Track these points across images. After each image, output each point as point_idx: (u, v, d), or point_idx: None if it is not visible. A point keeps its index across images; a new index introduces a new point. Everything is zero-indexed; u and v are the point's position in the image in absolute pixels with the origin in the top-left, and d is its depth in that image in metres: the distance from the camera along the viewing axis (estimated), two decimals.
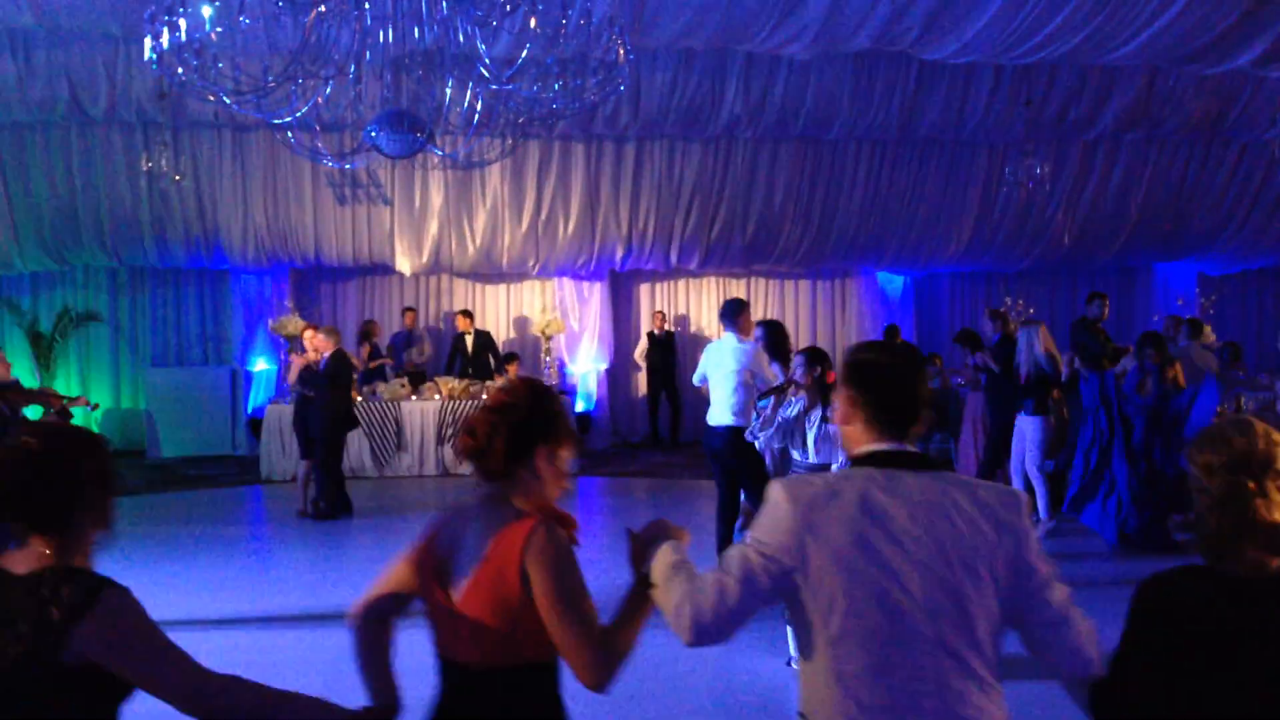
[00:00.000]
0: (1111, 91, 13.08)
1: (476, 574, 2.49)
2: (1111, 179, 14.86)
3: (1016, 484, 9.87)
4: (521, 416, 2.58)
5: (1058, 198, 14.82)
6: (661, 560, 2.51)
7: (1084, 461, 9.59)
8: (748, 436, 6.97)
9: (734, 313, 7.94)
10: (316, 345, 10.72)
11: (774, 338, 7.96)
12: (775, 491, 2.38)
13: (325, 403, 10.54)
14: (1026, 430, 9.82)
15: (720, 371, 7.75)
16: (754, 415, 7.17)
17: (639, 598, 2.55)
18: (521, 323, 15.94)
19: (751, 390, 7.62)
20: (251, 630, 7.08)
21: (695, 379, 8.16)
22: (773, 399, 6.59)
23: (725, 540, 7.64)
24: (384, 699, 2.58)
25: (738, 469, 7.58)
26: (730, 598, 2.31)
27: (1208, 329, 12.12)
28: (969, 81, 12.87)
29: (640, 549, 2.61)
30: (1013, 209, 14.92)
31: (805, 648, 2.36)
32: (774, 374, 7.59)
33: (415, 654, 2.91)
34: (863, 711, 2.25)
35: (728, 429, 7.62)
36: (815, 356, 6.52)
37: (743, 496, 7.64)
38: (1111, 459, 9.36)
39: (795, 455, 6.50)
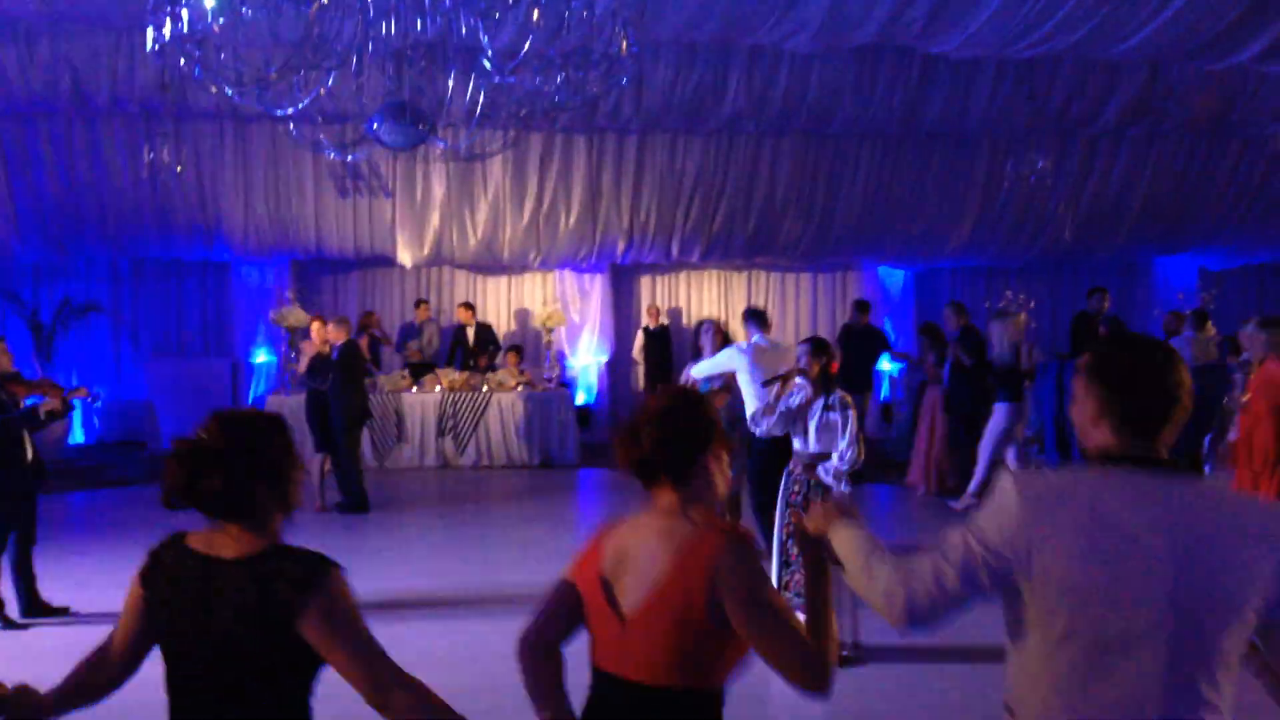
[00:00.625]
0: (1114, 86, 13.06)
1: (656, 591, 2.41)
2: (1113, 174, 14.83)
3: (982, 470, 10.38)
4: (687, 422, 2.53)
5: (1059, 192, 14.80)
6: (850, 541, 2.44)
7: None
8: (750, 424, 6.96)
9: (762, 317, 8.24)
10: (327, 336, 10.72)
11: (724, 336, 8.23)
12: (1005, 482, 2.27)
13: (340, 394, 10.52)
14: (999, 418, 10.26)
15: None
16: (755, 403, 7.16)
17: (822, 585, 2.51)
18: (523, 315, 15.94)
19: None
20: None
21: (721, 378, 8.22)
22: (776, 386, 6.61)
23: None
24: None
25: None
26: (949, 586, 2.22)
27: (1209, 323, 12.13)
28: (971, 76, 12.85)
29: (813, 537, 2.55)
30: (1014, 203, 14.89)
31: (1019, 641, 2.27)
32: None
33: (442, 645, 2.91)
34: (1076, 718, 2.16)
35: None
36: (819, 347, 6.54)
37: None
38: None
39: (796, 444, 6.53)
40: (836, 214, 14.83)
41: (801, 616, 2.43)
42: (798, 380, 6.54)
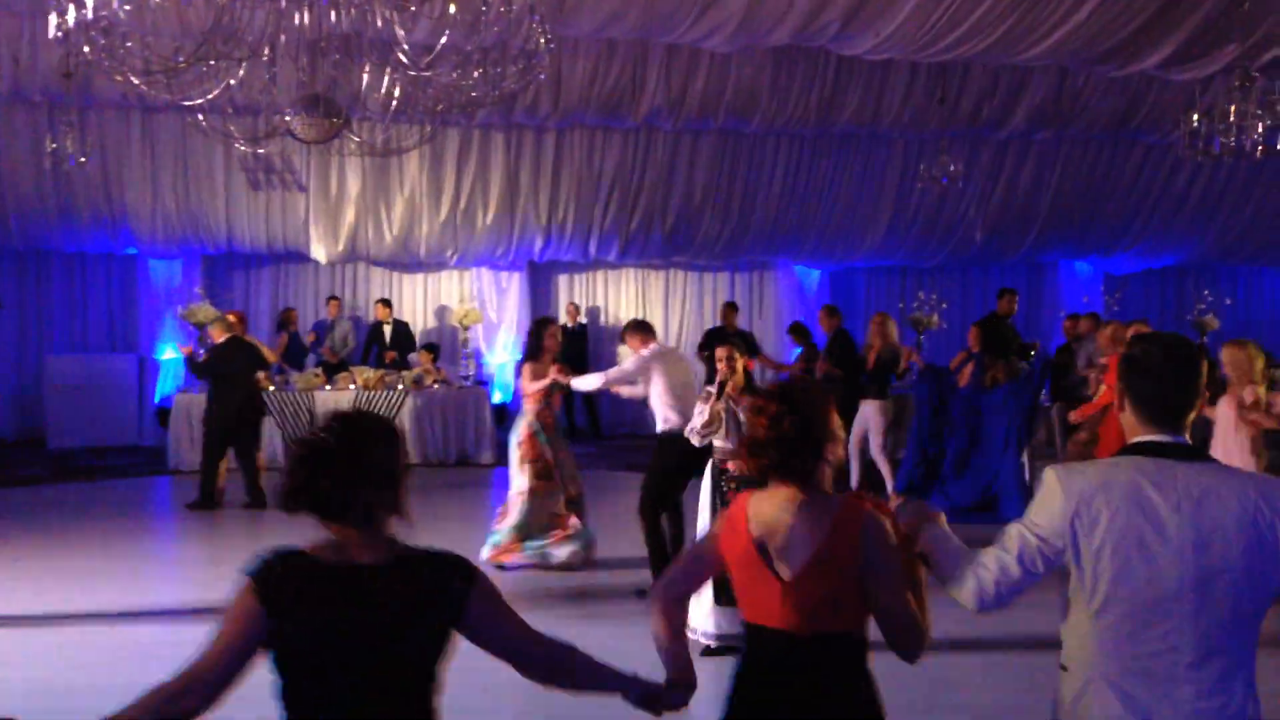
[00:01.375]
0: (1023, 91, 13.37)
1: (816, 553, 2.79)
2: (1022, 177, 15.19)
3: (855, 466, 10.74)
4: (810, 418, 2.88)
5: (970, 195, 15.11)
6: (933, 540, 2.85)
7: (919, 450, 10.64)
8: (689, 435, 6.87)
9: (650, 327, 8.41)
10: (212, 335, 10.69)
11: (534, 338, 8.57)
12: (1050, 477, 2.66)
13: (211, 395, 10.57)
14: (869, 415, 10.55)
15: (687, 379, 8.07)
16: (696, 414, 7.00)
17: (915, 571, 2.88)
18: (440, 313, 15.80)
19: None
20: (156, 624, 6.93)
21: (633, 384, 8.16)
22: (711, 399, 6.63)
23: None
24: (684, 675, 2.84)
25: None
26: (1011, 573, 2.64)
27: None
28: (885, 78, 13.05)
29: (909, 532, 2.90)
30: (926, 205, 15.18)
31: (1075, 608, 2.65)
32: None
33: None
34: (1121, 675, 2.56)
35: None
36: (749, 345, 6.78)
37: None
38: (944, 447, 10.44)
39: (718, 441, 6.58)
40: (753, 213, 14.97)
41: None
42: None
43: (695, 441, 6.69)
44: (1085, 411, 8.65)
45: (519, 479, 8.34)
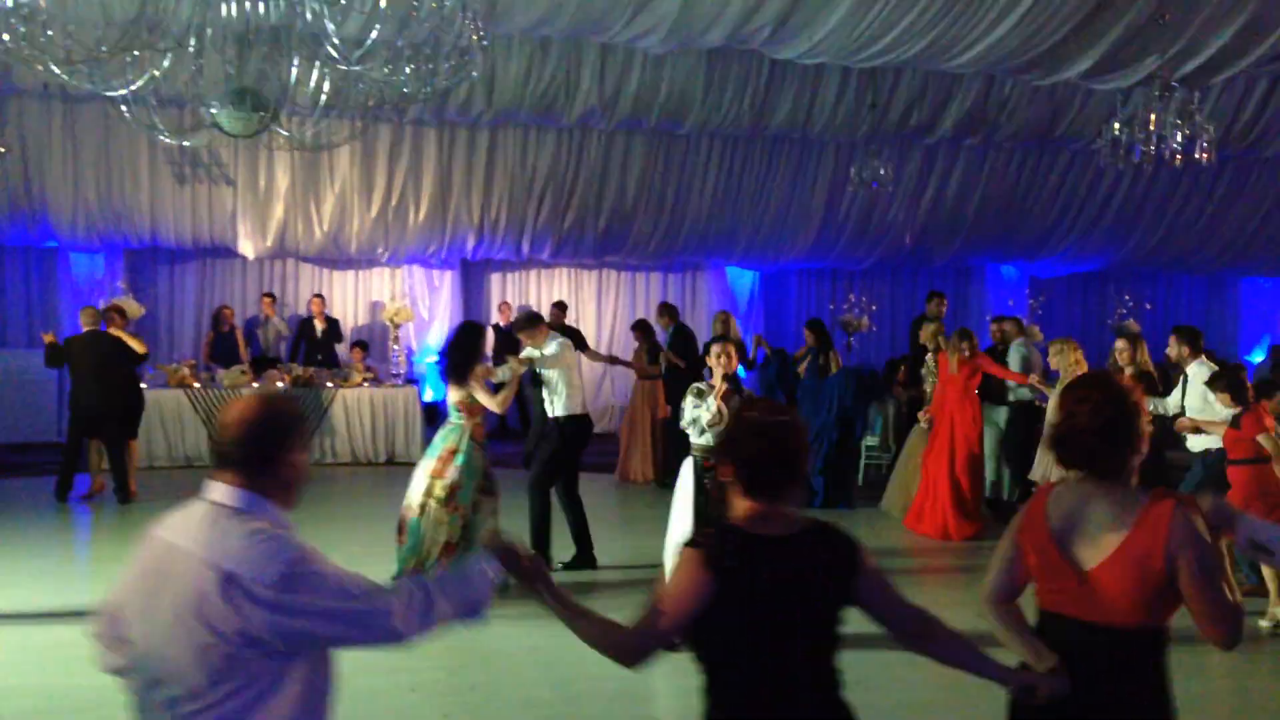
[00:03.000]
0: (951, 98, 13.57)
1: (1121, 547, 2.87)
2: (950, 182, 15.42)
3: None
4: (1129, 411, 2.96)
5: (900, 199, 15.30)
6: (1261, 528, 3.00)
7: None
8: (695, 431, 6.83)
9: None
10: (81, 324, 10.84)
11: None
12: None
13: (73, 387, 10.71)
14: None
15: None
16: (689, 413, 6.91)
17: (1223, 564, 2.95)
18: (371, 310, 15.64)
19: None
20: (73, 624, 6.79)
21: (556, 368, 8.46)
22: (711, 397, 6.70)
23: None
24: (1046, 658, 2.93)
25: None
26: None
27: (1035, 328, 12.71)
28: (818, 82, 13.16)
29: (1216, 524, 2.94)
30: (857, 208, 15.35)
31: None
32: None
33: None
34: None
35: None
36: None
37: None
38: None
39: (694, 437, 6.77)
40: (686, 214, 15.03)
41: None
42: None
43: (697, 436, 6.72)
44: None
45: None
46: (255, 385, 12.87)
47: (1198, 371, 8.03)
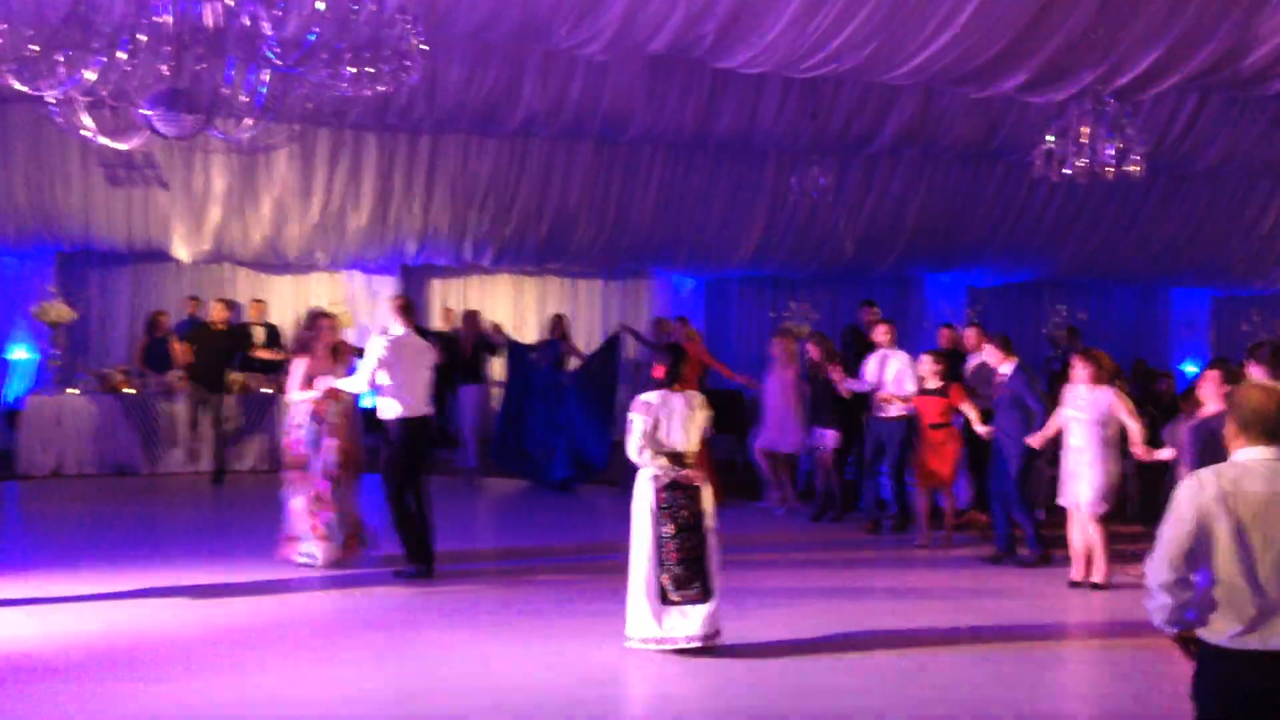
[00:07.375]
0: (890, 109, 13.69)
1: None
2: (890, 192, 15.56)
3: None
4: None
5: (840, 208, 15.41)
6: None
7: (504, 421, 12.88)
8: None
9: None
10: None
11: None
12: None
13: None
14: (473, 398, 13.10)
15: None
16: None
17: None
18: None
19: None
20: None
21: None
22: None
23: None
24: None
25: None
26: None
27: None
28: (760, 91, 13.22)
29: None
30: (798, 217, 15.44)
31: None
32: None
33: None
34: None
35: None
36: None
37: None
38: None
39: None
40: (629, 221, 15.04)
41: None
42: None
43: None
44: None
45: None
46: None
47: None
